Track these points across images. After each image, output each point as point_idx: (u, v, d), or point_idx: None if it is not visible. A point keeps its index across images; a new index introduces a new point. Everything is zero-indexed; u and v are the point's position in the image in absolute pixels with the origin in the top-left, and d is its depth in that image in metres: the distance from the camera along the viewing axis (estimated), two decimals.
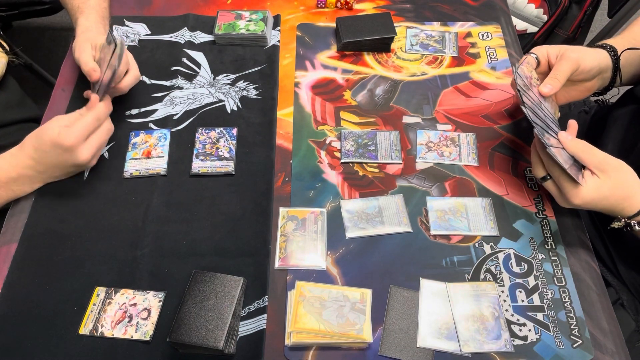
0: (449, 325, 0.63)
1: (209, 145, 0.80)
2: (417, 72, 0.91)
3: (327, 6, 1.01)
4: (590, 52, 0.75)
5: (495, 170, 0.78)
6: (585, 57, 0.73)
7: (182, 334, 0.58)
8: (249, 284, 0.67)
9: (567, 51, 0.73)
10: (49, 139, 0.69)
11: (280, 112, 0.86)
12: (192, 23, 0.98)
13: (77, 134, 0.69)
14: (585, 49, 0.75)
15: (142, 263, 0.69)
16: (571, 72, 0.72)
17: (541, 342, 0.62)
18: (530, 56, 0.74)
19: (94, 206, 0.75)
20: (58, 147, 0.69)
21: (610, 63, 0.76)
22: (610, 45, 0.77)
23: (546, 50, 0.74)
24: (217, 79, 0.90)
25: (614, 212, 0.65)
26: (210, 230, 0.72)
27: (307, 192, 0.76)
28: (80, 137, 0.70)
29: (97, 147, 0.73)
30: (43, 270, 0.69)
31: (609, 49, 0.76)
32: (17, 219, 0.74)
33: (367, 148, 0.80)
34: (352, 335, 0.61)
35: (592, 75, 0.75)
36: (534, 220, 0.73)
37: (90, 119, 0.71)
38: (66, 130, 0.69)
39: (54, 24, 2.02)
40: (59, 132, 0.69)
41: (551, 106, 0.74)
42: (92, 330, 0.63)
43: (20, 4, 1.60)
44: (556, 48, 0.74)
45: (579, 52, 0.73)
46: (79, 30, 0.84)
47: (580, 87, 0.77)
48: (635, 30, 0.81)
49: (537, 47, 0.75)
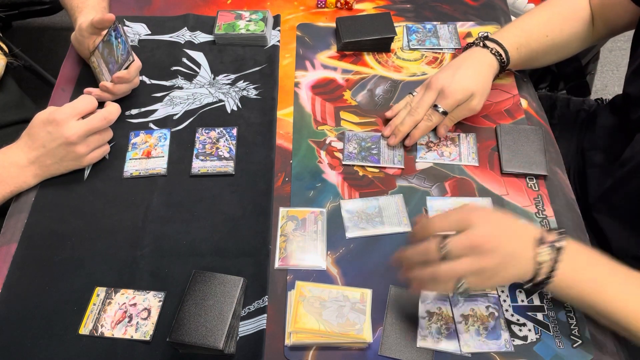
0: (449, 325, 0.63)
1: (209, 145, 0.80)
2: (417, 72, 0.91)
3: (327, 6, 1.01)
4: (487, 93, 0.79)
5: (495, 170, 0.78)
6: (482, 102, 0.78)
7: (182, 334, 0.58)
8: (249, 284, 0.67)
9: (471, 100, 0.77)
10: (41, 118, 0.71)
11: (280, 112, 0.86)
12: (192, 23, 0.98)
13: (69, 111, 0.71)
14: (483, 91, 0.78)
15: (142, 263, 0.69)
16: (465, 117, 0.80)
17: (541, 342, 0.62)
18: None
19: (94, 206, 0.75)
20: (48, 123, 0.71)
21: (498, 68, 0.81)
22: (503, 55, 0.80)
23: (458, 102, 0.77)
24: (217, 79, 0.90)
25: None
26: (210, 230, 0.72)
27: (307, 192, 0.76)
28: (71, 114, 0.71)
29: (87, 129, 0.72)
30: (43, 270, 0.69)
31: (500, 60, 0.80)
32: (17, 219, 0.74)
33: (370, 151, 0.80)
34: (352, 335, 0.61)
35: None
36: (534, 220, 0.73)
37: (83, 101, 0.73)
38: (58, 108, 0.72)
39: (54, 24, 2.02)
40: (51, 110, 0.71)
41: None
42: (92, 330, 0.63)
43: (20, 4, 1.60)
44: (464, 95, 0.77)
45: (479, 99, 0.78)
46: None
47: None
48: (528, 23, 0.84)
49: (450, 93, 0.77)
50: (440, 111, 0.77)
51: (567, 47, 0.85)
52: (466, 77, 0.77)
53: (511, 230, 0.58)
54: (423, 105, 0.78)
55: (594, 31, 0.84)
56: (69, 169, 0.76)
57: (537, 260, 0.56)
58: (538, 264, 0.56)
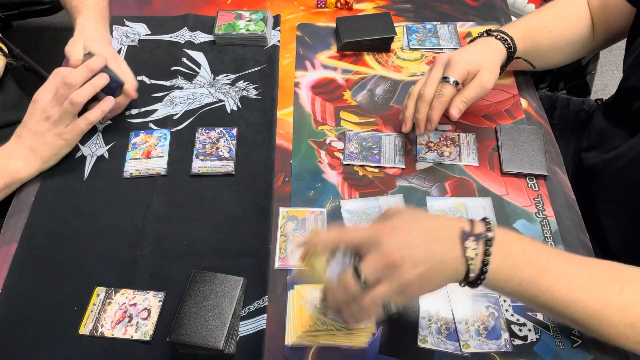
0: (449, 325, 0.63)
1: (209, 145, 0.80)
2: (417, 72, 0.91)
3: (327, 6, 1.01)
4: (496, 71, 0.75)
5: (495, 170, 0.78)
6: (492, 78, 0.74)
7: (182, 334, 0.58)
8: (249, 284, 0.67)
9: (481, 74, 0.73)
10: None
11: (280, 112, 0.86)
12: (192, 23, 0.98)
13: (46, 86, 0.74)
14: (492, 67, 0.75)
15: (142, 263, 0.69)
16: (478, 97, 0.74)
17: (541, 342, 0.62)
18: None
19: (94, 206, 0.74)
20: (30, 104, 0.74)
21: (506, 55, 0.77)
22: (509, 40, 0.77)
23: (466, 70, 0.73)
24: (217, 79, 0.90)
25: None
26: (210, 230, 0.72)
27: (307, 192, 0.76)
28: (49, 88, 0.73)
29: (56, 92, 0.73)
30: (43, 270, 0.69)
31: (507, 46, 0.77)
32: (17, 219, 0.74)
33: (370, 151, 0.80)
34: (360, 328, 0.62)
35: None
36: (534, 220, 0.73)
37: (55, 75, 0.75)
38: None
39: (54, 24, 2.02)
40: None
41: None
42: (92, 330, 0.63)
43: (20, 4, 1.60)
44: (472, 66, 0.73)
45: (489, 74, 0.74)
46: (77, 31, 0.85)
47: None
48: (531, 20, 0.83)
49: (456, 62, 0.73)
50: (451, 82, 0.72)
51: (570, 47, 0.85)
52: (473, 52, 0.75)
53: (429, 234, 0.52)
54: (431, 82, 0.73)
55: (595, 36, 0.84)
56: (58, 150, 0.75)
57: (466, 256, 0.51)
58: (468, 260, 0.51)
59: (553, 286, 0.52)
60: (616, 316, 0.52)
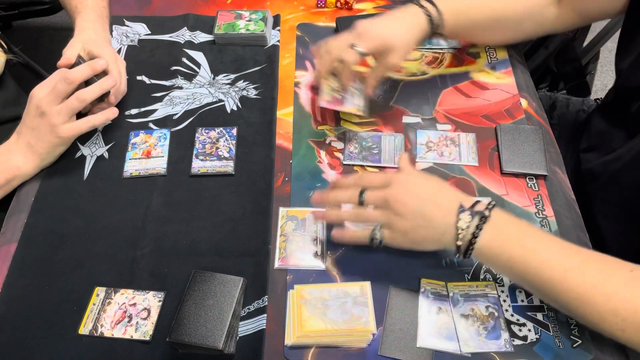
0: (449, 325, 0.63)
1: (208, 145, 0.80)
2: (417, 72, 0.91)
3: (327, 6, 1.01)
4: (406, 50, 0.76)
5: (495, 170, 0.78)
6: (400, 59, 0.75)
7: (181, 334, 0.58)
8: (249, 284, 0.66)
9: (389, 55, 0.73)
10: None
11: (280, 112, 0.86)
12: (191, 23, 0.98)
13: (44, 84, 0.73)
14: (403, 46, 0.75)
15: (142, 263, 0.69)
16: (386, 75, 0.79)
17: (541, 342, 0.62)
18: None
19: (94, 206, 0.74)
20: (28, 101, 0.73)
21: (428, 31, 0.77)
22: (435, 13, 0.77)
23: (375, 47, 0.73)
24: (217, 78, 0.90)
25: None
26: (210, 230, 0.72)
27: (307, 192, 0.76)
28: (47, 86, 0.72)
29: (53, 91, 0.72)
30: (43, 270, 0.69)
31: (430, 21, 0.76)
32: (17, 219, 0.74)
33: (370, 151, 0.80)
34: (360, 328, 0.62)
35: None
36: (533, 220, 0.73)
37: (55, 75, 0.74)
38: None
39: (53, 24, 2.02)
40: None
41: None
42: (92, 330, 0.63)
43: (20, 4, 1.60)
44: (382, 42, 0.73)
45: (398, 55, 0.74)
46: (77, 31, 0.85)
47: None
48: None
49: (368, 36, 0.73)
50: (359, 50, 0.72)
51: (517, 26, 0.83)
52: (388, 26, 0.74)
53: (433, 196, 0.61)
54: (338, 42, 0.75)
55: (561, 16, 0.82)
56: (54, 148, 0.75)
57: (457, 225, 0.59)
58: (458, 230, 0.59)
59: (540, 266, 0.57)
60: (600, 301, 0.55)
